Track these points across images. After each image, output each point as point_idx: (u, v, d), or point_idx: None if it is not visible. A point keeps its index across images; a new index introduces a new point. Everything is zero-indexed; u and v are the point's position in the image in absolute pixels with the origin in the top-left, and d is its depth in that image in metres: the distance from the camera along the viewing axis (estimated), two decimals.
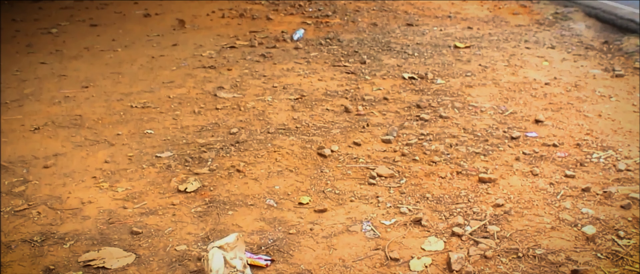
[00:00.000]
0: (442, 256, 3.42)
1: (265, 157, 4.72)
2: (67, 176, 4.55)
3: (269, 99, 6.10)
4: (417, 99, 6.00)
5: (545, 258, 3.37)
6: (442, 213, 3.89)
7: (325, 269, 3.34)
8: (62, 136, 5.34)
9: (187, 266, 3.40)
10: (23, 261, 3.50)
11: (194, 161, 4.70)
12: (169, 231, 3.77)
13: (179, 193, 4.23)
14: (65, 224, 3.89)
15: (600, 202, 3.98)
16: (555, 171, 4.44)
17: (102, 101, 6.20)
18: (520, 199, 4.03)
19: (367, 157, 4.71)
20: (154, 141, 5.16)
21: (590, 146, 4.85)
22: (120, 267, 3.42)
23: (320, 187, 4.26)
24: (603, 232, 3.63)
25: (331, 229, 3.73)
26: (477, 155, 4.70)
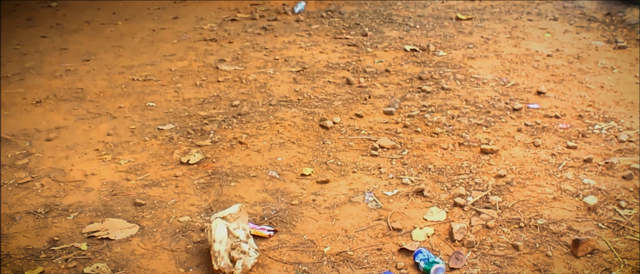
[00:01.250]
0: (444, 226, 3.44)
1: (267, 129, 4.72)
2: (69, 148, 4.56)
3: (271, 72, 6.09)
4: (418, 71, 5.99)
5: (546, 227, 3.38)
6: (444, 183, 3.90)
7: (327, 239, 3.36)
8: (64, 109, 5.34)
9: (190, 237, 3.42)
10: (27, 232, 3.51)
11: (196, 133, 4.70)
12: (172, 203, 3.79)
13: (182, 165, 4.24)
14: (69, 196, 3.91)
15: (602, 173, 3.99)
16: (557, 142, 4.44)
17: (103, 74, 6.20)
18: (522, 170, 4.04)
19: (369, 128, 4.71)
20: (156, 113, 5.16)
21: (592, 117, 4.85)
22: (124, 238, 3.43)
23: (322, 159, 4.26)
24: (604, 202, 3.64)
25: (333, 200, 3.74)
26: (479, 126, 4.70)
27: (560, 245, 3.24)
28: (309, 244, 3.32)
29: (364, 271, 3.08)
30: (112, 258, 3.25)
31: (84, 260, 3.23)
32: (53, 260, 3.24)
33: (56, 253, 3.31)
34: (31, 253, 3.31)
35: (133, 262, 3.21)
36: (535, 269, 3.06)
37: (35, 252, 3.32)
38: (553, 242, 3.26)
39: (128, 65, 6.46)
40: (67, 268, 3.17)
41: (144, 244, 3.38)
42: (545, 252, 3.18)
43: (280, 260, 3.19)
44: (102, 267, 3.15)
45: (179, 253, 3.29)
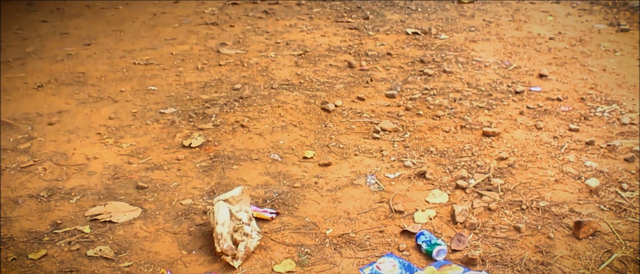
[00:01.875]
0: (446, 209, 3.44)
1: (269, 112, 4.72)
2: (71, 132, 4.56)
3: (272, 55, 6.08)
4: (420, 54, 5.97)
5: (548, 210, 3.39)
6: (446, 166, 3.90)
7: (330, 221, 3.36)
8: (66, 93, 5.33)
9: (193, 220, 3.43)
10: (30, 216, 3.52)
11: (198, 117, 4.70)
12: (175, 186, 3.79)
13: (184, 148, 4.24)
14: (71, 180, 3.91)
15: (604, 155, 3.99)
16: (559, 124, 4.43)
17: (104, 58, 6.19)
18: (524, 152, 4.03)
19: (371, 111, 4.71)
20: (157, 97, 5.15)
21: (595, 100, 4.84)
22: (127, 221, 3.44)
23: (324, 142, 4.26)
24: (606, 184, 3.64)
25: (336, 183, 3.74)
26: (481, 109, 4.69)
27: (562, 227, 3.24)
28: (311, 226, 3.33)
29: (366, 253, 3.09)
30: (115, 241, 3.26)
31: (87, 243, 3.24)
32: (56, 243, 3.25)
33: (59, 236, 3.32)
34: (34, 236, 3.32)
35: (136, 245, 3.22)
36: (537, 251, 3.06)
37: (38, 235, 3.33)
38: (555, 224, 3.27)
39: (129, 49, 6.45)
40: (70, 250, 3.18)
41: (147, 227, 3.39)
42: (547, 234, 3.18)
43: (283, 242, 3.20)
44: (105, 250, 3.16)
45: (181, 235, 3.30)
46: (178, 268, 3.03)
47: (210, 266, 3.03)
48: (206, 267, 3.03)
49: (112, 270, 3.02)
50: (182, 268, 3.03)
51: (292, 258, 3.07)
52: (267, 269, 3.00)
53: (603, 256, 3.03)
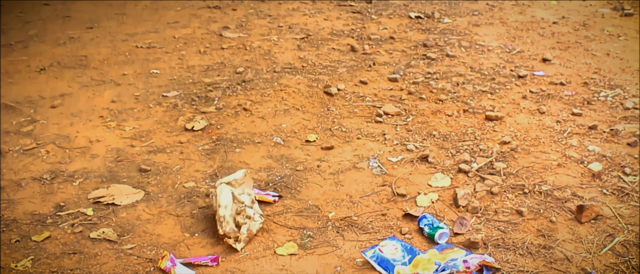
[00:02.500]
0: (448, 192, 3.44)
1: (271, 95, 4.71)
2: (74, 115, 4.57)
3: (275, 39, 6.07)
4: (423, 38, 5.96)
5: (551, 193, 3.39)
6: (449, 150, 3.89)
7: (332, 204, 3.37)
8: (68, 76, 5.33)
9: (195, 203, 3.43)
10: (33, 198, 3.53)
11: (201, 100, 4.70)
12: (177, 169, 3.79)
13: (186, 131, 4.25)
14: (74, 163, 3.92)
15: (607, 139, 3.98)
16: (562, 109, 4.42)
17: (107, 42, 6.18)
18: (527, 136, 4.03)
19: (374, 95, 4.70)
20: (160, 80, 5.15)
21: (598, 84, 4.83)
22: (130, 203, 3.45)
23: (327, 125, 4.26)
24: (609, 169, 3.64)
25: (338, 166, 3.75)
26: (484, 93, 4.69)
27: (565, 211, 3.24)
28: (314, 209, 3.33)
29: (369, 236, 3.09)
30: (117, 223, 3.27)
31: (90, 225, 3.25)
32: (59, 225, 3.26)
33: (62, 218, 3.33)
34: (38, 218, 3.33)
35: (139, 227, 3.23)
36: (539, 235, 3.07)
37: (41, 217, 3.34)
38: (557, 208, 3.27)
39: (131, 32, 6.43)
40: (73, 232, 3.19)
41: (150, 209, 3.39)
42: (549, 218, 3.19)
43: (285, 225, 3.21)
44: (108, 232, 3.17)
45: (184, 218, 3.30)
46: (181, 250, 3.04)
47: (213, 249, 3.04)
48: (209, 249, 3.04)
49: (115, 252, 3.03)
50: (184, 250, 3.04)
51: (294, 240, 3.08)
52: (270, 251, 3.01)
53: (605, 239, 3.03)
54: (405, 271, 2.81)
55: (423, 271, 2.79)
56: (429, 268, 2.80)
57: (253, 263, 2.93)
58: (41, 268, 2.92)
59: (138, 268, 2.91)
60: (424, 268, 2.80)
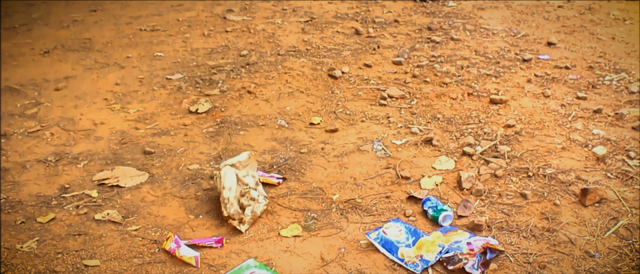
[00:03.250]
0: (452, 175, 3.44)
1: (275, 78, 4.71)
2: (78, 98, 4.57)
3: (279, 22, 6.05)
4: (428, 22, 5.93)
5: (555, 177, 3.38)
6: (453, 133, 3.89)
7: (336, 187, 3.37)
8: (72, 59, 5.33)
9: (199, 185, 3.44)
10: (38, 180, 3.54)
11: (205, 83, 4.70)
12: (182, 151, 3.80)
13: (191, 114, 4.25)
14: (79, 145, 3.92)
15: (612, 123, 3.97)
16: (566, 92, 4.41)
17: (110, 25, 6.17)
18: (531, 120, 4.02)
19: (378, 78, 4.69)
20: (164, 63, 5.15)
21: (603, 68, 4.81)
22: (134, 185, 3.46)
23: (331, 108, 4.26)
24: (613, 152, 3.63)
25: (342, 149, 3.75)
26: (489, 77, 4.67)
27: (569, 194, 3.24)
28: (318, 191, 3.34)
29: (373, 219, 3.10)
30: (122, 205, 3.28)
31: (94, 207, 3.26)
32: (64, 207, 3.27)
33: (67, 199, 3.34)
34: (43, 199, 3.34)
35: (143, 209, 3.24)
36: (543, 218, 3.07)
37: (46, 199, 3.35)
38: (561, 191, 3.27)
39: (135, 15, 6.42)
40: (78, 214, 3.20)
41: (154, 191, 3.40)
42: (553, 201, 3.19)
43: (289, 207, 3.21)
44: (113, 213, 3.18)
45: (188, 200, 3.31)
46: (185, 231, 3.05)
47: (217, 230, 3.05)
48: (213, 231, 3.05)
49: (120, 234, 3.04)
50: (189, 231, 3.05)
51: (298, 222, 3.08)
52: (274, 233, 3.02)
53: (609, 223, 3.03)
54: (409, 252, 2.81)
55: (427, 253, 2.80)
56: (433, 250, 2.81)
57: (257, 244, 2.94)
58: (46, 249, 2.93)
59: (143, 249, 2.93)
60: (428, 250, 2.81)
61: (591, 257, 2.81)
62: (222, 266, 2.80)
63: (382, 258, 2.83)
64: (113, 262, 2.84)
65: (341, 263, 2.80)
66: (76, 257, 2.88)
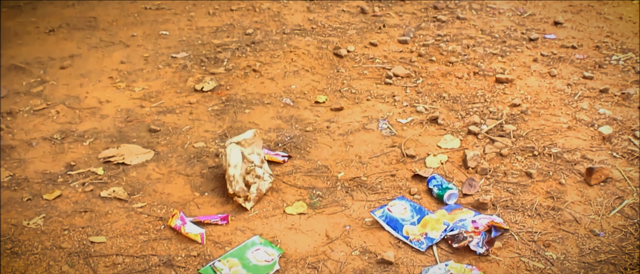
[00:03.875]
0: (458, 154, 3.44)
1: (281, 57, 4.69)
2: (84, 76, 4.57)
3: (284, 0, 6.02)
4: (434, 1, 5.90)
5: (560, 156, 3.38)
6: (459, 112, 3.88)
7: (341, 165, 3.37)
8: (77, 37, 5.33)
9: (205, 162, 3.44)
10: (44, 157, 3.55)
11: (210, 61, 4.69)
12: (187, 129, 3.80)
13: (196, 92, 4.25)
14: (84, 123, 3.93)
15: (618, 103, 3.96)
16: (573, 72, 4.39)
17: (115, 3, 6.15)
18: (537, 99, 4.01)
19: (384, 57, 4.68)
20: (169, 42, 5.14)
21: (610, 48, 4.79)
22: (140, 163, 3.47)
23: (336, 87, 4.25)
24: (619, 132, 3.62)
25: (348, 127, 3.74)
26: (495, 56, 4.65)
27: (574, 173, 3.24)
28: (323, 169, 3.34)
29: (378, 197, 3.10)
30: (128, 182, 3.29)
31: (100, 184, 3.27)
32: (70, 184, 3.28)
33: (73, 177, 3.35)
34: (49, 177, 3.35)
35: (149, 186, 3.25)
36: (548, 197, 3.07)
37: (52, 176, 3.36)
38: (567, 170, 3.26)
39: None
40: (84, 191, 3.21)
41: (160, 169, 3.41)
42: (558, 180, 3.18)
43: (295, 185, 3.22)
44: (119, 191, 3.19)
45: (194, 177, 3.32)
46: (191, 209, 3.06)
47: (223, 208, 3.06)
48: (218, 208, 3.06)
49: (126, 211, 3.05)
50: (194, 209, 3.06)
51: (303, 200, 3.09)
52: (279, 211, 3.02)
53: (614, 202, 3.03)
54: (414, 230, 2.82)
55: (432, 230, 2.81)
56: (438, 228, 2.81)
57: (262, 221, 2.95)
58: (53, 226, 2.95)
59: (148, 226, 2.94)
60: (433, 228, 2.82)
61: (596, 236, 2.81)
62: (227, 243, 2.81)
63: (387, 235, 2.84)
64: (119, 238, 2.86)
65: (346, 241, 2.81)
66: (82, 233, 2.89)
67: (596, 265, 2.64)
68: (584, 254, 2.71)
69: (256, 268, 2.65)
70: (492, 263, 2.66)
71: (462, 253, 2.72)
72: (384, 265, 2.66)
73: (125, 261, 2.72)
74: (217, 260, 2.70)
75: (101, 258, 2.74)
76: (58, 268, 2.68)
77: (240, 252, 2.75)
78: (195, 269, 2.66)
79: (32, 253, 2.77)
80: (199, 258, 2.73)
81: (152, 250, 2.78)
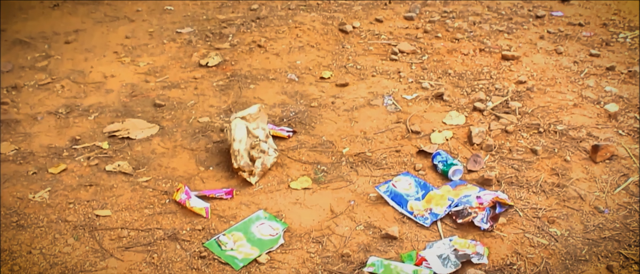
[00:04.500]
0: (463, 130, 3.43)
1: (286, 33, 4.68)
2: (88, 51, 4.56)
3: None
4: None
5: (566, 133, 3.37)
6: (464, 88, 3.87)
7: (346, 140, 3.37)
8: (82, 12, 5.31)
9: (210, 137, 3.45)
10: (49, 131, 3.56)
11: (215, 37, 4.67)
12: (192, 104, 3.80)
13: (201, 67, 4.24)
14: (89, 97, 3.93)
15: (625, 81, 3.94)
16: (580, 49, 4.37)
17: None
18: (543, 76, 3.99)
19: (389, 33, 4.65)
20: (174, 17, 5.12)
21: (617, 25, 4.76)
22: (145, 137, 3.47)
23: (341, 63, 4.24)
24: (626, 110, 3.61)
25: (353, 103, 3.74)
26: (501, 33, 4.63)
27: (579, 150, 3.23)
28: (328, 145, 3.34)
29: (382, 172, 3.10)
30: (133, 157, 3.29)
31: (105, 158, 3.28)
32: (75, 158, 3.29)
33: (78, 151, 3.36)
34: (54, 151, 3.36)
35: (154, 160, 3.26)
36: (553, 174, 3.07)
37: (57, 150, 3.37)
38: (572, 147, 3.26)
39: None
40: (89, 165, 3.22)
41: (164, 143, 3.41)
42: (563, 157, 3.18)
43: (299, 160, 3.22)
44: (124, 165, 3.20)
45: (198, 152, 3.32)
46: (195, 183, 3.07)
47: (227, 182, 3.07)
48: (223, 183, 3.07)
49: (131, 185, 3.06)
50: (199, 183, 3.07)
51: (308, 175, 3.09)
52: (284, 185, 3.03)
53: (619, 179, 3.03)
54: (419, 206, 2.82)
55: (436, 206, 2.81)
56: (442, 204, 2.82)
57: (267, 196, 2.96)
58: (58, 199, 2.96)
59: (153, 200, 2.95)
60: (437, 203, 2.82)
61: (600, 213, 2.81)
62: (232, 217, 2.82)
63: (392, 210, 2.84)
64: (124, 212, 2.87)
65: (351, 216, 2.82)
66: (87, 207, 2.91)
67: (600, 242, 2.65)
68: (588, 230, 2.71)
69: (261, 242, 2.66)
70: (496, 238, 2.67)
71: (467, 228, 2.72)
72: (388, 240, 2.67)
73: (130, 234, 2.74)
74: (222, 234, 2.71)
75: (106, 231, 2.75)
76: (63, 241, 2.70)
77: (245, 226, 2.76)
78: (199, 243, 2.67)
79: (38, 226, 2.79)
80: (204, 231, 2.74)
81: (157, 224, 2.79)
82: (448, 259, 2.49)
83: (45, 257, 2.61)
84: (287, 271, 2.52)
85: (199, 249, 2.63)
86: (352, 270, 2.52)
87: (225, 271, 2.53)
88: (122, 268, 2.55)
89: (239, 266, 2.55)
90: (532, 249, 2.61)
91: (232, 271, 2.53)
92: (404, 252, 2.59)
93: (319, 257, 2.59)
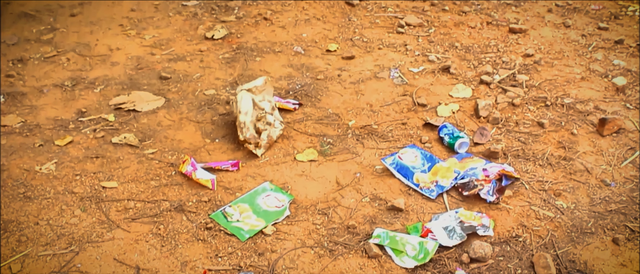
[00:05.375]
0: (469, 103, 3.42)
1: (292, 5, 4.65)
2: (94, 24, 4.55)
3: None
4: None
5: (573, 106, 3.35)
6: (471, 61, 3.85)
7: (352, 113, 3.36)
8: None
9: (215, 110, 3.44)
10: (56, 104, 3.56)
11: (221, 9, 4.65)
12: (197, 76, 3.79)
13: (206, 40, 4.22)
14: (95, 70, 3.92)
15: (633, 54, 3.91)
16: (588, 23, 4.34)
17: None
18: (551, 49, 3.96)
19: (396, 6, 4.62)
20: None
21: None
22: (151, 110, 3.47)
23: (348, 35, 4.21)
24: (633, 83, 3.58)
25: (359, 76, 3.72)
26: (508, 6, 4.59)
27: (586, 124, 3.22)
28: (334, 117, 3.34)
29: (389, 144, 3.10)
30: (139, 129, 3.29)
31: (111, 130, 3.28)
32: (81, 130, 3.29)
33: (84, 123, 3.36)
34: (60, 123, 3.36)
35: (160, 132, 3.26)
36: (560, 147, 3.06)
37: (64, 122, 3.37)
38: (579, 121, 3.24)
39: None
40: (95, 137, 3.22)
41: (170, 116, 3.41)
42: (570, 130, 3.17)
43: (305, 132, 3.21)
44: (130, 137, 3.20)
45: (204, 124, 3.32)
46: (201, 155, 3.07)
47: (233, 154, 3.07)
48: (229, 155, 3.07)
49: (137, 157, 3.07)
50: (205, 155, 3.07)
51: (314, 147, 3.09)
52: (290, 157, 3.03)
53: (626, 153, 3.02)
54: (425, 178, 2.82)
55: (442, 178, 2.81)
56: (448, 176, 2.81)
57: (273, 168, 2.96)
58: (65, 171, 2.97)
59: (159, 171, 2.95)
60: (443, 176, 2.81)
61: (607, 186, 2.81)
62: (238, 189, 2.83)
63: (397, 182, 2.84)
64: (130, 184, 2.88)
65: (356, 188, 2.82)
66: (94, 179, 2.91)
67: (606, 214, 2.64)
68: (595, 203, 2.71)
69: (267, 214, 2.67)
70: (502, 211, 2.66)
71: (473, 200, 2.72)
72: (394, 212, 2.67)
73: (136, 205, 2.74)
74: (228, 205, 2.71)
75: (113, 202, 2.76)
76: (70, 212, 2.70)
77: (251, 198, 2.76)
78: (206, 214, 2.68)
79: (45, 198, 2.79)
80: (210, 203, 2.74)
81: (163, 195, 2.80)
82: (454, 231, 2.49)
83: (52, 228, 2.62)
84: (293, 243, 2.53)
85: (205, 221, 2.64)
86: (358, 242, 2.52)
87: (231, 242, 2.54)
88: (128, 239, 2.56)
89: (245, 237, 2.55)
90: (537, 222, 2.60)
91: (238, 242, 2.53)
92: (409, 224, 2.60)
93: (325, 229, 2.60)
